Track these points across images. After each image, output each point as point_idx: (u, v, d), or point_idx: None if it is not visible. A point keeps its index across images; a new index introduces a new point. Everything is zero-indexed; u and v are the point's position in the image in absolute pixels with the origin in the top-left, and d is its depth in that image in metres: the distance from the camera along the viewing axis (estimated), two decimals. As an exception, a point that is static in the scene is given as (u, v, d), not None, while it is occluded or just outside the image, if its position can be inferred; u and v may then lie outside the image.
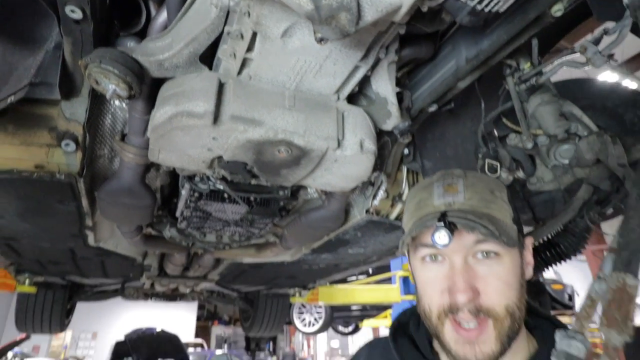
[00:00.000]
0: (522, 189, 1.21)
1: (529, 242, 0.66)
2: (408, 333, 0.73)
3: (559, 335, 0.39)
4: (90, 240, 1.73)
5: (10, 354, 10.57)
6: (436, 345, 0.69)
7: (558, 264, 1.09)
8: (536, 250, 1.14)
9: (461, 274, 0.57)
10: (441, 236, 0.54)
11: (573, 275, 11.29)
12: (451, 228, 0.55)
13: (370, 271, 6.06)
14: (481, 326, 0.57)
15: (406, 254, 0.67)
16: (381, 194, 1.41)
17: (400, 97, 1.08)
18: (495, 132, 1.19)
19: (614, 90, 1.18)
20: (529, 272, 0.64)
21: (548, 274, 5.75)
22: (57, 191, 1.22)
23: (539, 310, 0.67)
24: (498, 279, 0.57)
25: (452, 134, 1.34)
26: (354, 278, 6.29)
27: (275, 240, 1.87)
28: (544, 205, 1.24)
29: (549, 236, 1.09)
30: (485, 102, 1.14)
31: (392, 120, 1.06)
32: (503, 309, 0.56)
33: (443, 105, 1.14)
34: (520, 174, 1.12)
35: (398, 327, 0.75)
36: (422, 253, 0.62)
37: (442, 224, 0.55)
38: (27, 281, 2.45)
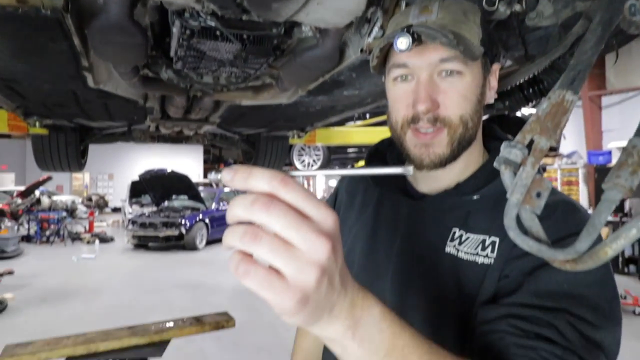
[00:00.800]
0: (518, 25, 1.19)
1: (496, 67, 0.70)
2: (384, 159, 0.82)
3: (503, 145, 0.47)
4: (90, 81, 1.76)
5: (37, 192, 11.60)
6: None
7: (538, 100, 1.15)
8: (520, 88, 1.19)
9: (424, 87, 0.64)
10: (402, 41, 0.58)
11: (566, 120, 11.53)
12: (414, 38, 0.59)
13: (368, 116, 6.21)
14: (436, 132, 0.65)
15: (376, 72, 0.72)
16: (376, 31, 1.37)
17: None
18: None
19: None
20: (491, 96, 0.70)
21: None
22: (46, 28, 1.20)
23: (499, 134, 0.74)
24: (457, 93, 0.64)
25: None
26: (351, 123, 6.46)
27: (272, 82, 1.89)
28: (538, 42, 1.23)
29: (535, 73, 1.12)
30: None
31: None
32: (458, 118, 0.65)
33: None
34: (517, 7, 1.09)
35: (375, 152, 0.84)
36: (393, 74, 0.67)
37: (404, 32, 0.59)
38: (37, 124, 2.57)
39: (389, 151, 0.83)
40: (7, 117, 2.55)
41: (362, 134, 4.00)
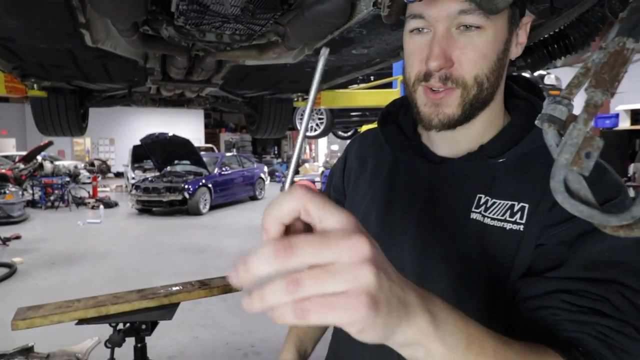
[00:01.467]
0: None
1: (527, 20, 0.64)
2: (397, 122, 0.77)
3: (546, 101, 0.42)
4: (87, 39, 1.68)
5: (39, 158, 11.59)
6: (420, 129, 0.75)
7: (563, 57, 1.08)
8: (543, 43, 1.12)
9: (439, 42, 0.59)
10: None
11: (575, 82, 11.29)
12: None
13: (372, 78, 6.06)
14: (447, 92, 0.61)
15: (388, 22, 0.67)
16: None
17: None
18: None
19: None
20: (517, 52, 0.64)
21: (548, 79, 5.73)
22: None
23: (519, 92, 0.69)
24: (474, 50, 0.59)
25: None
26: (354, 86, 6.32)
27: (277, 40, 1.80)
28: (565, -6, 1.15)
29: (560, 28, 1.05)
30: None
31: None
32: (472, 78, 0.60)
33: None
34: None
35: (387, 114, 0.79)
36: (410, 26, 0.62)
37: None
38: (35, 86, 2.50)
39: (401, 112, 0.78)
40: (5, 79, 2.48)
41: (367, 95, 3.90)
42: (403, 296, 0.34)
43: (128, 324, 1.88)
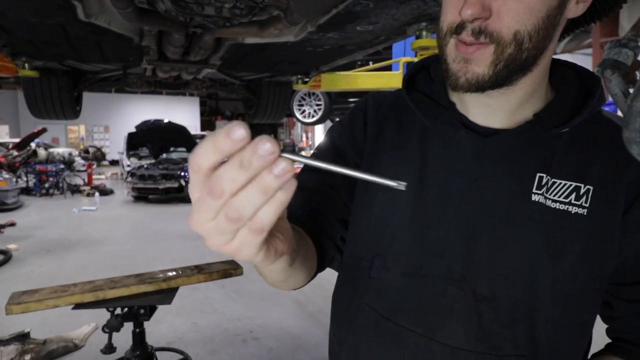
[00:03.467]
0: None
1: None
2: (418, 88, 0.68)
3: (608, 45, 0.37)
4: (80, 13, 1.60)
5: (33, 145, 11.45)
6: (452, 95, 0.65)
7: (587, 25, 1.02)
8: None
9: None
10: None
11: (574, 70, 11.24)
12: None
13: (371, 63, 5.97)
14: (480, 46, 0.53)
15: None
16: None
17: None
18: None
19: None
20: (577, 10, 0.55)
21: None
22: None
23: (559, 60, 0.62)
24: (520, 2, 0.50)
25: None
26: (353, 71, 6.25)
27: (280, 14, 1.73)
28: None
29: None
30: None
31: None
32: (511, 34, 0.52)
33: None
34: None
35: (409, 80, 0.70)
36: None
37: None
38: (26, 65, 2.41)
39: (421, 77, 0.69)
40: (-6, 58, 2.40)
41: (368, 78, 3.83)
42: None
43: (126, 309, 1.83)
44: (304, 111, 7.09)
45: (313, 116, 7.08)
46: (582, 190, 0.56)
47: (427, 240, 0.61)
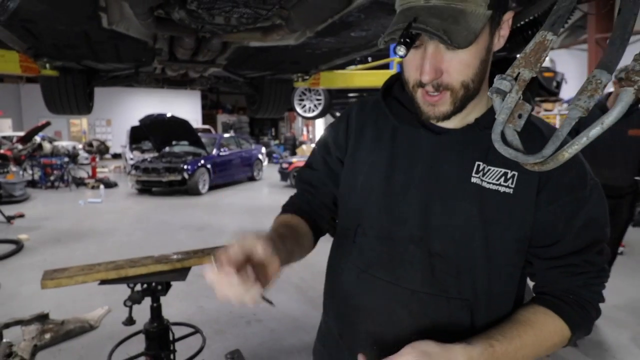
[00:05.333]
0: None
1: (508, 16, 0.74)
2: (393, 95, 0.88)
3: (495, 78, 0.57)
4: (104, 22, 1.80)
5: (38, 138, 11.62)
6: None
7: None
8: (520, 30, 1.26)
9: (429, 59, 0.70)
10: (400, 49, 0.65)
11: (571, 64, 11.35)
12: (414, 37, 0.66)
13: (370, 59, 6.14)
14: (440, 95, 0.73)
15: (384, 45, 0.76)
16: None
17: None
18: None
19: None
20: (500, 44, 0.75)
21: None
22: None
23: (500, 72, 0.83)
24: (459, 63, 0.70)
25: None
26: (352, 67, 6.40)
27: (281, 23, 1.93)
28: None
29: (535, 15, 1.20)
30: None
31: None
32: (459, 83, 0.72)
33: None
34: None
35: (387, 89, 0.90)
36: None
37: (402, 39, 0.65)
38: (47, 65, 2.61)
39: (396, 86, 0.88)
40: (19, 59, 2.58)
41: (365, 76, 4.02)
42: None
43: (145, 285, 2.06)
44: (304, 106, 7.25)
45: (313, 110, 7.23)
46: (509, 175, 0.75)
47: (394, 211, 0.82)
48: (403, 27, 0.66)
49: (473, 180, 0.76)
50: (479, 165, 0.76)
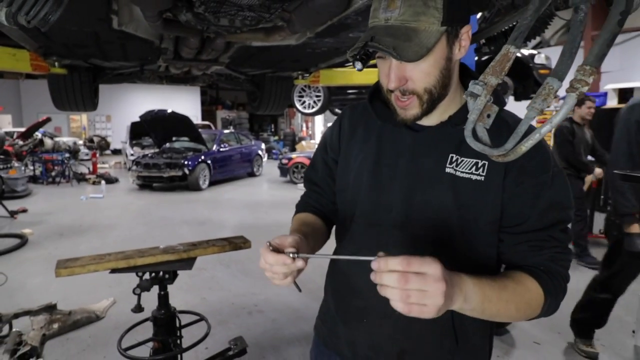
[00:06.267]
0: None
1: (466, 29, 0.83)
2: (381, 98, 0.97)
3: (470, 83, 0.67)
4: (115, 23, 1.90)
5: (38, 134, 11.69)
6: None
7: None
8: (503, 34, 1.36)
9: (394, 70, 0.81)
10: (357, 64, 0.77)
11: (567, 62, 11.41)
12: (371, 53, 0.78)
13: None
14: (408, 100, 0.84)
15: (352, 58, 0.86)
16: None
17: None
18: None
19: None
20: (461, 54, 0.84)
21: (539, 59, 5.93)
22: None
23: (474, 74, 0.90)
24: (420, 72, 0.81)
25: None
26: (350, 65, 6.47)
27: (283, 25, 2.03)
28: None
29: (516, 21, 1.29)
30: None
31: None
32: (422, 89, 0.83)
33: None
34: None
35: (373, 93, 1.00)
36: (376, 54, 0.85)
37: (358, 56, 0.78)
38: (56, 64, 2.70)
39: (382, 91, 0.96)
40: (30, 57, 2.67)
41: (364, 74, 4.10)
42: (453, 291, 0.66)
43: (153, 274, 2.16)
44: (304, 102, 7.33)
45: (313, 107, 7.31)
46: (480, 164, 0.85)
47: (381, 201, 0.93)
48: (361, 45, 0.76)
49: (447, 170, 0.86)
50: (452, 157, 0.87)
